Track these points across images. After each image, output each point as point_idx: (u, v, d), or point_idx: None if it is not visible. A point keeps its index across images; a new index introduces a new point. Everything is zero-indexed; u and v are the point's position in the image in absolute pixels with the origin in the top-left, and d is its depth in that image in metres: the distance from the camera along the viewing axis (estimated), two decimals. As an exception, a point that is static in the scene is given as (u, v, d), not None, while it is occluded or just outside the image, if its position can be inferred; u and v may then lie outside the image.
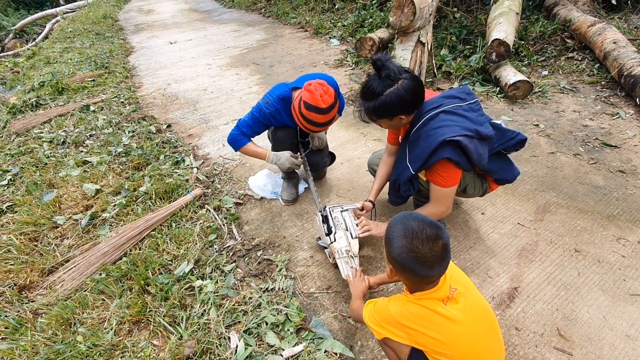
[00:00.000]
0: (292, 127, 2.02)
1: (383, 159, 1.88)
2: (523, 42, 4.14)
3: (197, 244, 1.94)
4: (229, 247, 1.95)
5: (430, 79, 3.84)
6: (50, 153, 2.96)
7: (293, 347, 1.42)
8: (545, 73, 3.77)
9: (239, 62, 5.12)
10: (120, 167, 2.68)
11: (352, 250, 1.61)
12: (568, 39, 4.08)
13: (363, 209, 1.81)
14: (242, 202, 2.30)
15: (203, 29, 7.41)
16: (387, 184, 1.86)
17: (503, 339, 1.09)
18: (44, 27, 10.44)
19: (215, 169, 2.64)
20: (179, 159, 2.74)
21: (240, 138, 1.99)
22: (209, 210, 2.19)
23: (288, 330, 1.48)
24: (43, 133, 3.29)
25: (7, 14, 12.80)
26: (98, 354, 1.44)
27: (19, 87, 4.92)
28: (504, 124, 1.64)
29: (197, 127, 3.34)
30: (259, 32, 6.73)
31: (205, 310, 1.59)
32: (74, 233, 2.10)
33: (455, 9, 4.86)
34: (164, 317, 1.56)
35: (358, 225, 1.71)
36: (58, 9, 11.68)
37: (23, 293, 1.79)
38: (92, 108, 3.72)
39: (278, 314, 1.55)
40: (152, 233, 2.04)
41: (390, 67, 1.38)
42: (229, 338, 1.47)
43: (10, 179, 2.66)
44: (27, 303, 1.71)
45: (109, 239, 1.98)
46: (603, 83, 3.46)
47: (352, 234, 1.67)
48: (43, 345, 1.48)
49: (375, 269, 1.77)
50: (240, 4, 9.38)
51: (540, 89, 3.44)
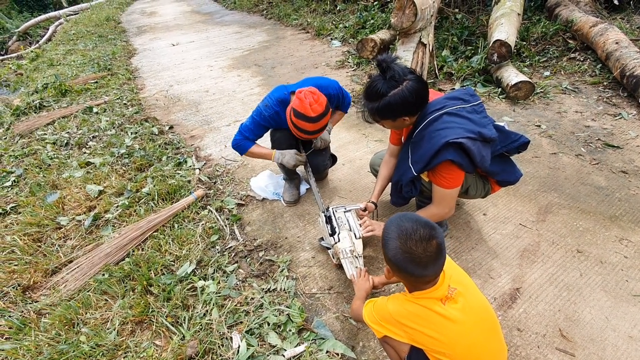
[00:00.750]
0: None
1: (385, 160, 1.88)
2: (525, 42, 4.14)
3: (199, 245, 1.94)
4: (231, 247, 1.96)
5: (432, 80, 3.84)
6: (54, 154, 2.99)
7: (295, 347, 1.43)
8: (547, 74, 3.76)
9: (241, 63, 5.14)
10: (123, 168, 2.70)
11: (356, 250, 1.62)
12: (570, 40, 4.07)
13: (366, 210, 1.81)
14: (244, 203, 2.31)
15: (205, 31, 7.44)
16: (389, 185, 1.87)
17: (505, 340, 1.09)
18: (47, 29, 10.51)
19: (217, 170, 2.65)
20: (181, 160, 2.76)
21: (244, 142, 2.01)
22: (211, 211, 2.20)
23: (290, 331, 1.49)
24: (46, 135, 3.31)
25: (10, 17, 12.89)
26: (101, 354, 1.45)
27: (23, 89, 4.96)
28: (507, 126, 1.64)
29: (199, 128, 3.36)
30: (261, 33, 6.76)
31: (208, 311, 1.59)
32: (77, 234, 2.11)
33: (457, 10, 4.86)
34: (167, 317, 1.57)
35: (361, 226, 1.71)
36: (61, 12, 11.77)
37: (27, 293, 1.80)
38: (95, 110, 3.75)
39: (280, 315, 1.55)
40: (154, 234, 2.05)
41: (395, 68, 1.37)
42: (231, 338, 1.48)
43: (14, 180, 2.69)
44: (30, 303, 1.73)
45: (112, 240, 1.99)
46: (605, 84, 3.45)
47: (356, 234, 1.67)
48: (46, 345, 1.50)
49: (377, 269, 1.78)
50: (242, 6, 9.42)
51: (542, 90, 3.44)
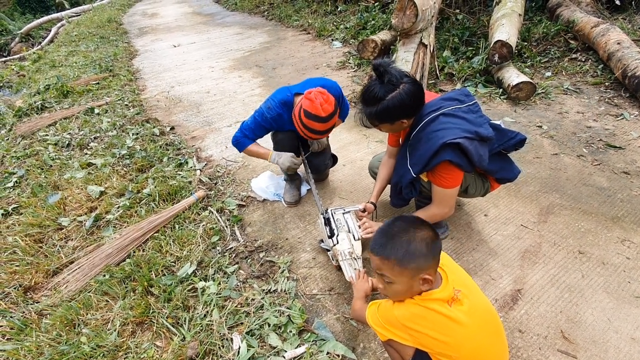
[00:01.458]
0: (293, 130, 2.04)
1: (384, 161, 1.88)
2: (526, 43, 4.13)
3: (200, 246, 1.94)
4: (232, 248, 1.96)
5: (433, 81, 3.84)
6: (55, 155, 3.00)
7: (295, 348, 1.42)
8: (549, 74, 3.75)
9: (242, 64, 5.15)
10: (124, 169, 2.70)
11: (355, 252, 1.62)
12: (571, 40, 4.06)
13: (365, 211, 1.81)
14: (244, 204, 2.31)
15: (206, 32, 7.46)
16: (388, 186, 1.86)
17: (507, 342, 1.09)
18: (50, 30, 10.57)
19: (218, 171, 2.66)
20: (182, 161, 2.76)
21: (244, 140, 2.05)
22: (212, 212, 2.20)
23: (290, 332, 1.48)
24: (48, 136, 3.32)
25: (13, 18, 12.96)
26: (102, 355, 1.45)
27: (25, 90, 4.99)
28: (503, 125, 1.64)
29: (200, 129, 3.36)
30: (262, 34, 6.77)
31: (208, 312, 1.59)
32: (79, 235, 2.12)
33: (458, 11, 4.86)
34: (167, 318, 1.57)
35: (360, 227, 1.71)
36: (63, 13, 11.82)
37: (28, 294, 1.80)
38: (96, 111, 3.76)
39: (280, 316, 1.55)
40: (155, 235, 2.05)
41: (392, 72, 1.38)
42: (232, 339, 1.47)
43: (16, 181, 2.69)
44: (32, 304, 1.73)
45: (113, 241, 1.99)
46: (607, 84, 3.44)
47: (354, 236, 1.67)
48: (47, 346, 1.50)
49: (378, 271, 1.77)
50: (243, 7, 9.44)
51: (544, 90, 3.43)
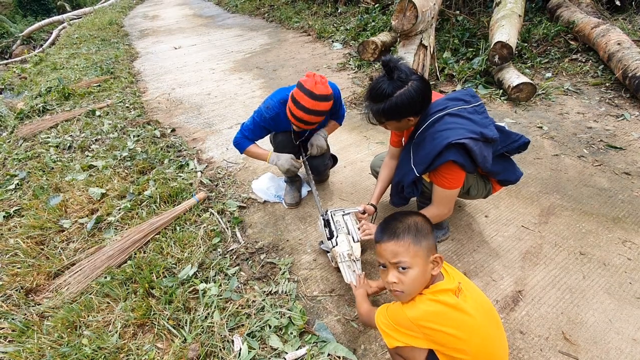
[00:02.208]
0: (292, 131, 2.04)
1: (385, 162, 1.88)
2: (526, 44, 4.13)
3: (201, 248, 1.95)
4: (233, 250, 1.96)
5: (433, 82, 3.84)
6: (57, 157, 3.00)
7: (296, 350, 1.42)
8: (549, 75, 3.75)
9: (243, 66, 5.16)
10: (126, 171, 2.71)
11: (354, 254, 1.61)
12: (571, 41, 4.06)
13: (365, 213, 1.80)
14: (245, 205, 2.31)
15: (207, 34, 7.48)
16: (389, 186, 1.86)
17: (507, 343, 1.09)
18: (51, 33, 10.61)
19: (219, 173, 2.66)
20: (183, 163, 2.77)
21: (244, 141, 2.06)
22: (213, 214, 2.20)
23: (291, 334, 1.48)
24: (50, 138, 3.33)
25: (14, 21, 13.02)
26: (103, 357, 1.45)
27: (27, 92, 5.00)
28: (507, 127, 1.64)
29: (201, 131, 3.37)
30: (262, 36, 6.78)
31: (209, 314, 1.59)
32: (80, 237, 2.12)
33: (458, 12, 4.87)
34: (168, 320, 1.57)
35: (360, 229, 1.71)
36: (65, 16, 11.87)
37: (30, 296, 1.81)
38: (97, 113, 3.77)
39: (281, 317, 1.55)
40: (156, 236, 2.06)
41: (402, 68, 1.37)
42: (233, 341, 1.47)
43: (18, 184, 2.70)
44: (33, 306, 1.73)
45: (114, 243, 2.00)
46: (607, 84, 3.43)
47: (354, 238, 1.67)
48: (49, 348, 1.50)
49: (376, 273, 1.77)
50: (244, 9, 9.46)
51: (544, 91, 3.43)
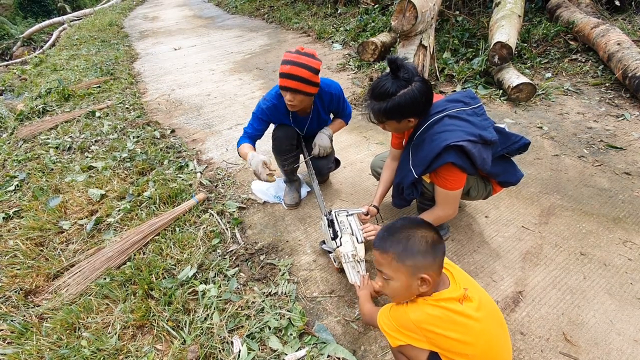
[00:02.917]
0: (291, 126, 2.04)
1: (387, 164, 1.88)
2: (526, 44, 4.13)
3: (200, 249, 1.94)
4: (232, 251, 1.95)
5: (433, 82, 3.84)
6: (56, 159, 3.00)
7: (296, 351, 1.42)
8: (549, 75, 3.75)
9: (242, 67, 5.17)
10: (125, 172, 2.71)
11: (358, 255, 1.61)
12: (571, 41, 4.06)
13: (368, 214, 1.80)
14: (245, 206, 2.31)
15: (207, 35, 7.48)
16: (391, 187, 1.86)
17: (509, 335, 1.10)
18: (51, 34, 10.63)
19: (219, 174, 2.66)
20: (183, 164, 2.76)
21: (242, 139, 2.02)
22: (213, 215, 2.20)
23: (291, 335, 1.48)
24: (49, 139, 3.33)
25: (15, 22, 13.04)
26: (102, 359, 1.45)
27: (27, 94, 5.00)
28: (507, 128, 1.63)
29: (200, 132, 3.37)
30: (262, 37, 6.78)
31: (209, 315, 1.59)
32: (79, 238, 2.12)
33: (458, 12, 4.87)
34: (168, 321, 1.57)
35: (363, 230, 1.70)
36: (65, 17, 11.89)
37: (29, 298, 1.80)
38: (97, 114, 3.77)
39: (281, 319, 1.55)
40: (156, 238, 2.05)
41: (408, 67, 1.36)
42: (232, 342, 1.47)
43: (17, 185, 2.70)
44: (32, 307, 1.73)
45: (114, 244, 1.99)
46: (607, 84, 3.43)
47: (358, 239, 1.67)
48: (48, 350, 1.49)
49: (379, 273, 1.77)
50: (244, 10, 9.47)
51: (544, 91, 3.43)
